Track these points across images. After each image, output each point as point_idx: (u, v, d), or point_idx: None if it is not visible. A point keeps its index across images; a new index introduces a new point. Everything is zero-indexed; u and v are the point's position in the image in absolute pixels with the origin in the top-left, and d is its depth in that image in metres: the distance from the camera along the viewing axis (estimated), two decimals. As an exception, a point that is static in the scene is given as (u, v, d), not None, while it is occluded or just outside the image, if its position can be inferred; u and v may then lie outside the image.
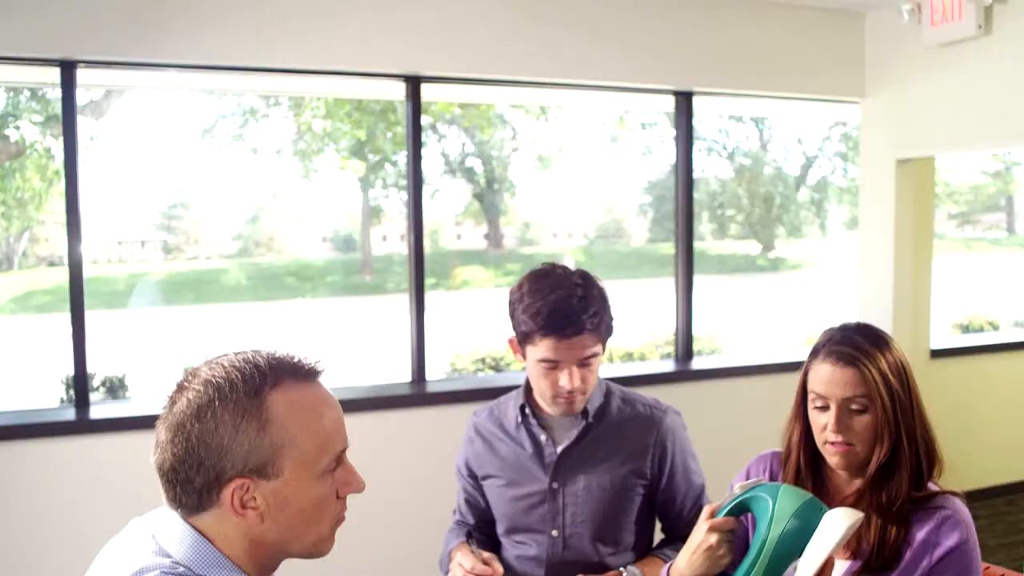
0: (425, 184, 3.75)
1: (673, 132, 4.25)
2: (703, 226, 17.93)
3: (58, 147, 3.51)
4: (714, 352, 8.77)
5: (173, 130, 12.35)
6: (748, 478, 1.68)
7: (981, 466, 4.66)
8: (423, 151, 3.72)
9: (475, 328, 9.40)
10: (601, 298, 1.77)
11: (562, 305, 1.71)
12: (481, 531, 1.99)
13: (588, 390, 1.79)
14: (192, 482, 1.01)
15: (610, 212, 19.15)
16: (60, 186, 3.21)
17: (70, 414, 3.24)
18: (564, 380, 1.75)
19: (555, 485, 1.85)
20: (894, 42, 4.15)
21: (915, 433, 1.49)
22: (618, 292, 2.00)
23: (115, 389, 7.03)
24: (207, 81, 3.74)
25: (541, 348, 1.74)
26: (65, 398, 4.87)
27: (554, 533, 1.85)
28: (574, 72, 3.76)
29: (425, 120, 12.75)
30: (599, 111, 14.52)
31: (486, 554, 1.79)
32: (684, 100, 4.14)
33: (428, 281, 3.71)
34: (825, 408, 1.51)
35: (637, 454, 1.85)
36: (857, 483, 1.55)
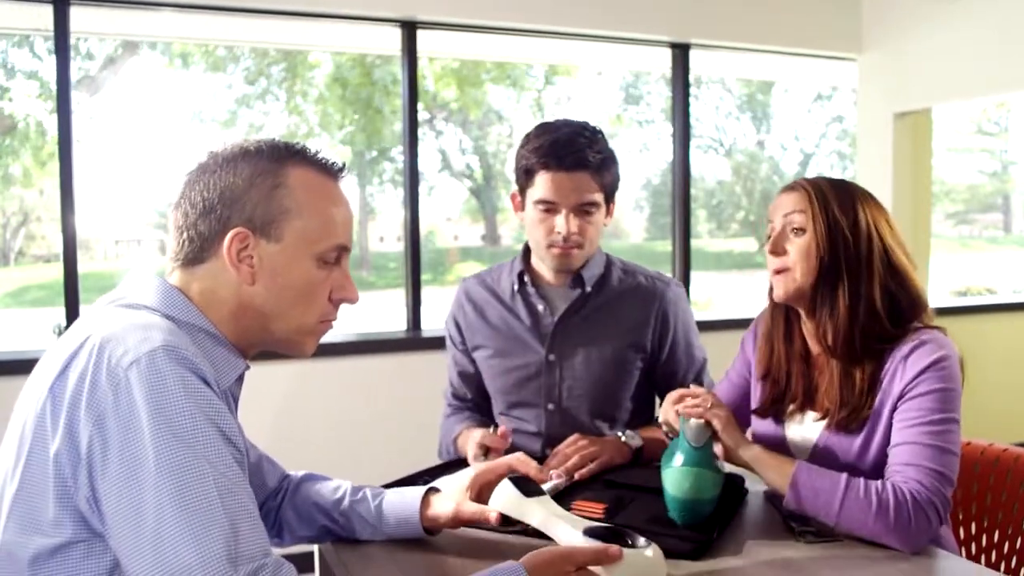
0: (422, 179, 3.74)
1: (670, 123, 4.23)
2: (701, 225, 17.89)
3: (53, 122, 3.46)
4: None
5: (166, 118, 12.29)
6: (755, 334, 1.67)
7: (979, 428, 4.60)
8: (420, 142, 3.71)
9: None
10: (609, 149, 1.73)
11: (566, 138, 1.68)
12: (481, 408, 1.92)
13: (585, 244, 1.71)
14: (199, 228, 1.07)
15: (607, 210, 19.11)
16: (56, 165, 3.18)
17: (61, 353, 3.20)
18: (560, 224, 1.68)
19: (552, 357, 1.78)
20: (891, -7, 4.15)
21: (862, 276, 1.41)
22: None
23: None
24: (201, 27, 3.73)
25: (539, 186, 1.69)
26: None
27: (549, 407, 1.79)
28: (569, 19, 3.74)
29: (422, 116, 12.74)
30: (597, 93, 14.52)
31: (502, 428, 1.64)
32: (680, 53, 4.13)
33: (424, 277, 3.71)
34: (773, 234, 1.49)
35: (638, 326, 1.79)
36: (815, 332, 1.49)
